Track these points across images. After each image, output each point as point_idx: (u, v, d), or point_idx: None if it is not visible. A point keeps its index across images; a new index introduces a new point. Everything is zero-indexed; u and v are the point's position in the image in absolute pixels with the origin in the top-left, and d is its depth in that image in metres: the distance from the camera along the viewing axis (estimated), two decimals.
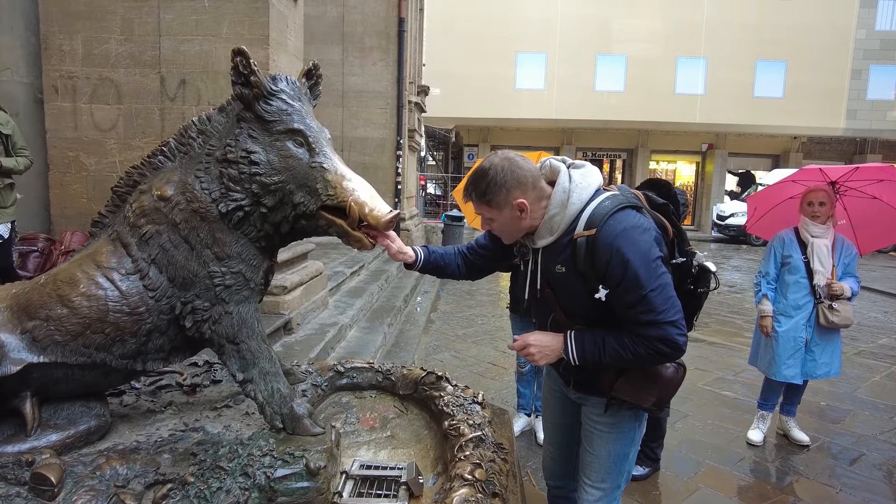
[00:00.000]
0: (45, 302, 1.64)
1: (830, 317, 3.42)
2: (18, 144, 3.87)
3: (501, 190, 1.57)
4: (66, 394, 1.71)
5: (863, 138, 21.49)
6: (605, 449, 1.81)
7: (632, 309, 1.53)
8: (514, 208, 1.58)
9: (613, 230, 1.52)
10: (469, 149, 22.95)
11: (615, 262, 1.50)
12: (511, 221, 1.62)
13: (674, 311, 1.53)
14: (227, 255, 1.70)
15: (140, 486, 1.51)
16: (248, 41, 4.05)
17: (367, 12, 9.87)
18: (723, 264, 13.50)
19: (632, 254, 1.50)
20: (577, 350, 1.62)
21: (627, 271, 1.49)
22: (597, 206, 1.58)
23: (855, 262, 3.51)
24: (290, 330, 4.16)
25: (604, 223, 1.53)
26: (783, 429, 3.82)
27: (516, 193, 1.58)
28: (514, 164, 1.59)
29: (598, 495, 1.84)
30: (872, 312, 8.22)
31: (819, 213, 3.40)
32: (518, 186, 1.58)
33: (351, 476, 1.78)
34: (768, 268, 3.63)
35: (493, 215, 1.63)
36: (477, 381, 4.73)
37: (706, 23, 19.58)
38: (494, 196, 1.58)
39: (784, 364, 3.52)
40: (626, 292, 1.51)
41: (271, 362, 1.80)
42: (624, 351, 1.56)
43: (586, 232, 1.55)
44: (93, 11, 4.24)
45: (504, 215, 1.61)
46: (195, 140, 1.76)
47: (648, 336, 1.52)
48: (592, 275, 1.56)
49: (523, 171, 1.59)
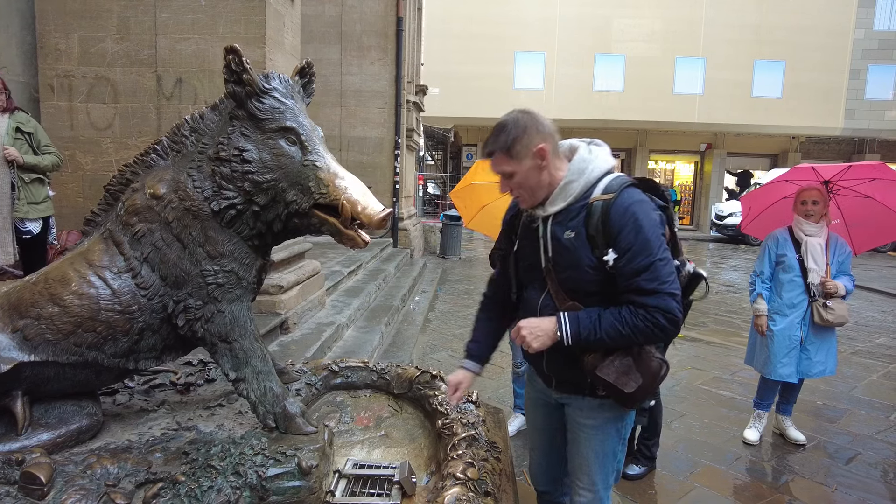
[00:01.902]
0: (36, 300, 1.63)
1: (825, 315, 3.41)
2: (43, 142, 3.90)
3: (523, 136, 1.59)
4: (58, 392, 1.70)
5: (861, 138, 21.50)
6: (591, 450, 1.80)
7: (638, 276, 1.54)
8: (535, 156, 1.59)
9: (631, 197, 1.59)
10: (468, 148, 22.94)
11: (629, 226, 1.54)
12: (531, 173, 1.62)
13: (676, 286, 1.57)
14: (219, 253, 1.70)
15: (131, 485, 1.51)
16: (245, 40, 4.05)
17: (366, 11, 9.85)
18: (721, 264, 13.51)
19: (645, 221, 1.56)
20: (571, 328, 1.60)
21: (640, 235, 1.54)
22: (613, 178, 1.66)
23: (849, 261, 3.50)
24: (287, 329, 4.16)
25: (622, 191, 1.60)
26: (779, 428, 3.81)
27: (537, 140, 1.60)
28: (534, 114, 1.64)
29: (590, 497, 1.83)
30: (870, 312, 8.22)
31: (812, 212, 3.40)
32: (538, 133, 1.60)
33: (344, 475, 1.78)
34: (763, 267, 3.63)
35: (513, 167, 1.62)
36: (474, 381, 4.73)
37: (705, 23, 19.59)
38: (515, 144, 1.59)
39: (779, 363, 3.52)
40: (636, 256, 1.54)
41: (264, 361, 1.79)
42: (622, 325, 1.56)
43: (604, 196, 1.60)
44: (89, 10, 4.23)
45: (524, 166, 1.61)
46: (188, 138, 1.76)
47: (649, 306, 1.53)
48: (602, 239, 1.58)
49: (543, 121, 1.64)
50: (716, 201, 20.97)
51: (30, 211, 3.87)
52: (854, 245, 3.65)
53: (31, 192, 3.87)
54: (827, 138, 21.85)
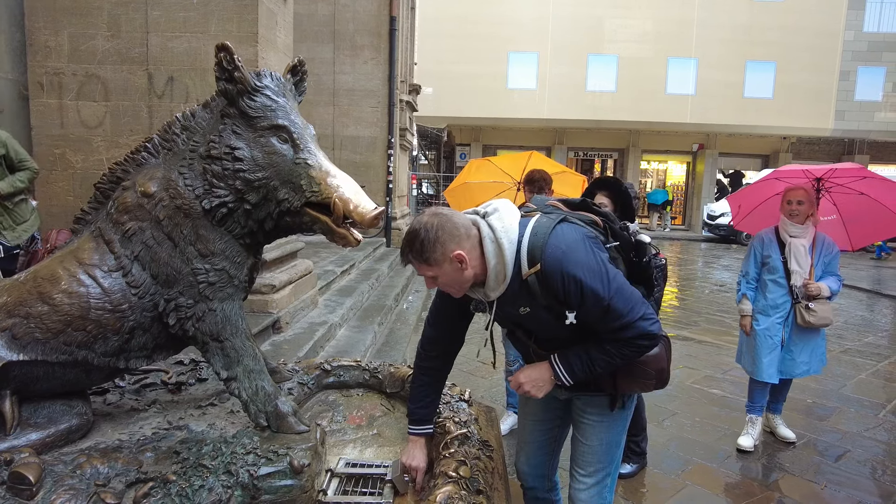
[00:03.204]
0: (25, 299, 1.62)
1: (807, 317, 3.40)
2: (17, 159, 3.74)
3: (437, 246, 1.53)
4: (47, 392, 1.69)
5: (851, 139, 21.70)
6: (597, 438, 1.88)
7: (601, 321, 1.59)
8: (453, 261, 1.55)
9: (555, 258, 1.54)
10: (461, 148, 22.95)
11: (570, 287, 1.54)
12: (454, 274, 1.58)
13: (639, 307, 1.59)
14: (210, 251, 1.69)
15: (121, 485, 1.50)
16: (237, 38, 4.03)
17: (359, 10, 9.83)
18: (713, 263, 13.60)
19: (581, 273, 1.53)
20: (567, 371, 1.68)
21: (584, 291, 1.54)
22: (529, 239, 1.58)
23: (836, 261, 3.49)
24: (279, 329, 4.14)
25: (544, 255, 1.55)
26: (770, 426, 3.84)
27: (451, 246, 1.54)
28: (444, 218, 1.57)
29: (590, 483, 1.89)
30: (859, 311, 8.30)
31: (797, 212, 3.39)
32: (452, 239, 1.54)
33: (336, 474, 1.78)
34: (748, 267, 3.65)
35: (434, 272, 1.58)
36: (466, 380, 4.73)
37: (697, 24, 19.70)
38: (431, 254, 1.54)
39: (761, 363, 3.53)
40: (592, 309, 1.57)
41: (255, 360, 1.79)
42: (611, 357, 1.64)
43: (532, 270, 1.56)
44: (79, 7, 4.20)
45: (445, 270, 1.57)
46: (179, 136, 1.75)
47: (627, 338, 1.60)
48: (555, 304, 1.60)
49: (454, 223, 1.57)
50: (708, 201, 21.09)
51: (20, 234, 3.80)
52: (851, 241, 3.69)
53: (17, 215, 3.78)
54: (817, 139, 22.03)
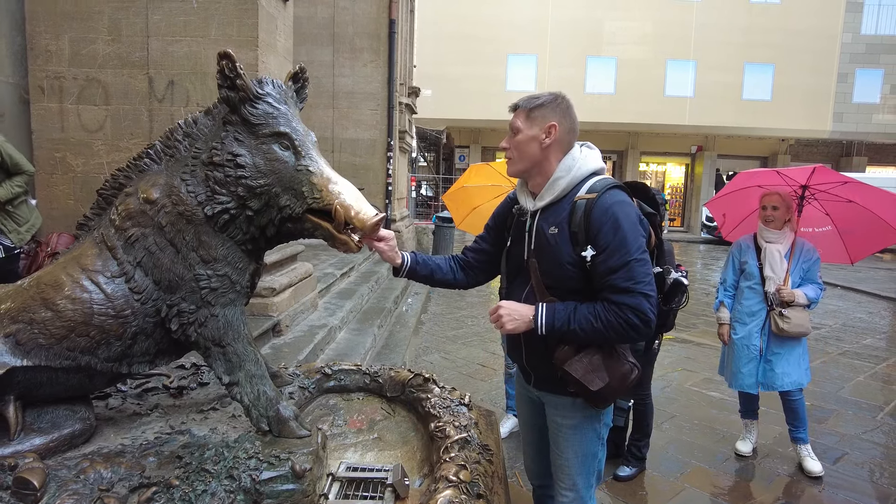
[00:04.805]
0: (28, 305, 1.63)
1: (781, 324, 3.27)
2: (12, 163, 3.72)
3: (547, 107, 1.72)
4: (51, 397, 1.70)
5: (849, 141, 21.75)
6: (571, 450, 1.84)
7: (613, 273, 1.60)
8: (544, 129, 1.71)
9: (612, 198, 1.65)
10: (460, 150, 22.97)
11: (609, 225, 1.61)
12: (532, 142, 1.72)
13: (651, 287, 1.61)
14: (212, 257, 1.70)
15: (124, 490, 1.51)
16: (237, 42, 4.04)
17: (358, 13, 9.86)
18: (711, 265, 13.62)
19: (624, 221, 1.61)
20: (547, 318, 1.66)
21: (617, 235, 1.59)
22: (599, 179, 1.73)
23: (816, 268, 3.36)
24: (279, 332, 4.15)
25: (605, 191, 1.67)
26: (798, 458, 3.52)
27: (554, 117, 1.71)
28: (569, 103, 1.78)
29: (571, 497, 1.86)
30: (857, 313, 8.32)
31: (772, 218, 3.31)
32: (562, 116, 1.73)
33: (337, 478, 1.79)
34: (726, 274, 3.56)
35: (522, 126, 1.73)
36: (466, 383, 4.74)
37: (695, 26, 19.75)
38: (538, 109, 1.72)
39: (739, 373, 3.42)
40: (613, 254, 1.59)
41: (257, 365, 1.80)
42: (595, 319, 1.60)
43: (587, 195, 1.67)
44: (80, 11, 4.21)
45: (531, 133, 1.72)
46: (181, 143, 1.76)
47: (622, 304, 1.58)
48: (583, 237, 1.65)
49: (572, 112, 1.77)
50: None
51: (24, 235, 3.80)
52: (850, 253, 3.52)
53: (19, 217, 3.79)
54: (815, 141, 22.08)
